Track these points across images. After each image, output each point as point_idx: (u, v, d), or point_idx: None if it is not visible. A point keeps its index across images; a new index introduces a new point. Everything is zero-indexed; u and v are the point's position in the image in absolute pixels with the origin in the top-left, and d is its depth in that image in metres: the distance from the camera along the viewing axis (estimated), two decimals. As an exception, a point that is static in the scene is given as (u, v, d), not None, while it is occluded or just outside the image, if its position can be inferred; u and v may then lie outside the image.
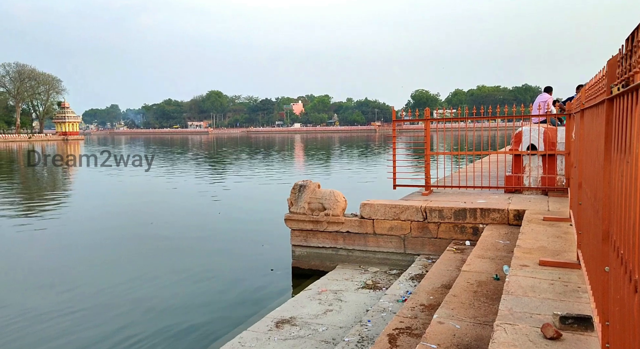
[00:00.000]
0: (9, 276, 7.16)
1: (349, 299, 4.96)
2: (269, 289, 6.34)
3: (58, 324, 5.23)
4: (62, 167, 28.51)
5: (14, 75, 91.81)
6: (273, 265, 7.27)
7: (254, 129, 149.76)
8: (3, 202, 14.78)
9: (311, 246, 6.67)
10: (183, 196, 15.40)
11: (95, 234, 9.83)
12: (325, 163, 28.06)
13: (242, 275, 6.92)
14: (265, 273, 6.96)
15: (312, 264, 6.67)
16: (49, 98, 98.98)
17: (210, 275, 6.91)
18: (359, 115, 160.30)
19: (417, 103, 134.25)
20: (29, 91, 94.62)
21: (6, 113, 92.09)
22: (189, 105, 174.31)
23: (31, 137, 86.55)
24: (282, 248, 7.64)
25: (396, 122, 7.95)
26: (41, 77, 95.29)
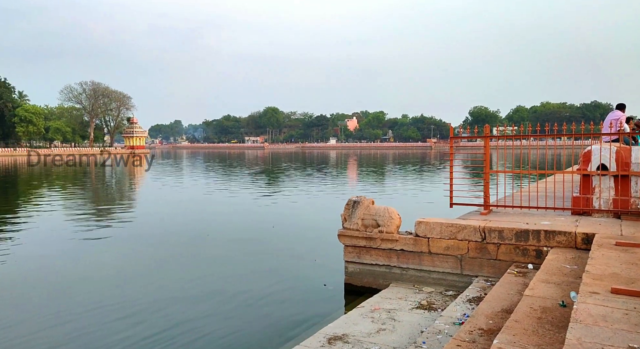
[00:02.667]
0: (77, 277, 7.64)
1: (402, 319, 4.85)
2: (321, 305, 6.32)
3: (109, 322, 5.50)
4: (129, 175, 30.23)
5: (89, 93, 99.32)
6: (325, 280, 7.26)
7: (309, 145, 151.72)
8: (77, 209, 15.89)
9: (364, 263, 6.61)
10: (238, 209, 15.81)
11: (154, 246, 10.29)
12: (379, 180, 27.84)
13: (295, 290, 6.96)
14: (317, 289, 6.96)
15: (365, 281, 6.60)
16: (119, 114, 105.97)
17: (263, 289, 7.00)
18: (414, 132, 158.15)
19: (476, 120, 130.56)
20: (102, 107, 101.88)
21: (81, 128, 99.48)
22: (246, 121, 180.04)
23: (103, 151, 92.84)
24: (335, 263, 7.63)
25: (453, 139, 7.77)
26: (113, 94, 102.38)
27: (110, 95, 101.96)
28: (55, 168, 42.12)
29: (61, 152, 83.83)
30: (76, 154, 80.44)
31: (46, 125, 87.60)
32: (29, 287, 7.23)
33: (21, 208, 16.79)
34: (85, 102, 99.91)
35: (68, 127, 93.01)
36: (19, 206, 17.45)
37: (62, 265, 8.55)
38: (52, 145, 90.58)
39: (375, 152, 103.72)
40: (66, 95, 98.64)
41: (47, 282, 7.49)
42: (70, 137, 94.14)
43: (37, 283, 7.46)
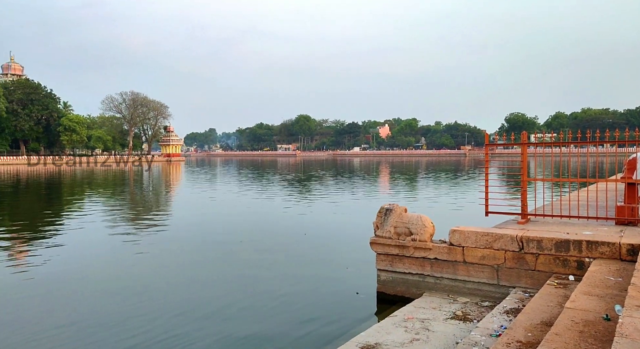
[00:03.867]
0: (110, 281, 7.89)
1: (436, 329, 4.76)
2: (353, 313, 6.28)
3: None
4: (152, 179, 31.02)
5: (129, 103, 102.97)
6: (357, 288, 7.21)
7: (340, 152, 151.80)
8: (117, 213, 16.46)
9: (397, 271, 6.53)
10: (270, 216, 15.97)
11: (189, 251, 10.51)
12: (412, 187, 27.51)
13: (327, 297, 6.94)
14: (349, 296, 6.92)
15: (398, 290, 6.52)
16: (157, 123, 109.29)
17: (295, 296, 7.02)
18: (447, 139, 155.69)
19: (512, 127, 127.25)
20: (140, 116, 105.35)
21: (121, 137, 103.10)
22: (278, 129, 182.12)
23: (141, 158, 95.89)
24: (367, 271, 7.57)
25: (489, 146, 7.61)
26: (151, 103, 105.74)
27: (148, 104, 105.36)
28: (91, 175, 43.77)
29: (103, 159, 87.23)
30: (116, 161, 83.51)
31: (88, 134, 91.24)
32: (75, 286, 7.51)
33: (67, 212, 17.50)
34: (125, 111, 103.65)
35: (109, 136, 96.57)
36: (63, 210, 18.20)
37: (104, 266, 8.85)
38: (93, 153, 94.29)
39: (407, 159, 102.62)
40: (107, 105, 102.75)
41: (92, 281, 7.77)
42: (110, 145, 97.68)
43: (82, 282, 7.74)
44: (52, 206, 20.67)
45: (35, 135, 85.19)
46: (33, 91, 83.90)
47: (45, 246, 10.81)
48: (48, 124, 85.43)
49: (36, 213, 18.18)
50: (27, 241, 11.65)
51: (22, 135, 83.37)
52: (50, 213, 17.74)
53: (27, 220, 15.90)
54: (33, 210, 19.10)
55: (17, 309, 6.51)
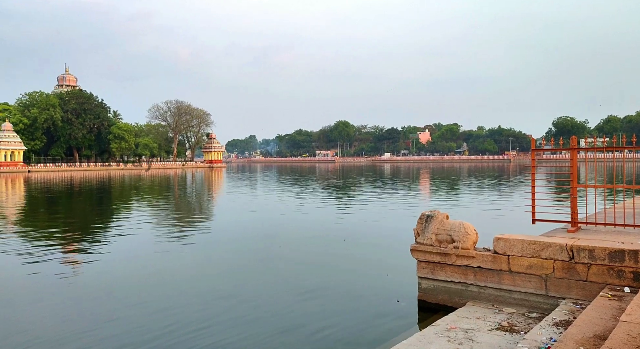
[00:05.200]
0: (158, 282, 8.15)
1: (481, 340, 4.61)
2: (393, 321, 6.20)
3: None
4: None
5: (174, 111, 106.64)
6: (398, 295, 7.11)
7: (379, 158, 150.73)
8: (161, 216, 17.03)
9: (439, 279, 6.39)
10: (309, 221, 16.04)
11: (229, 255, 10.70)
12: (453, 194, 26.91)
13: (366, 304, 6.88)
14: (389, 304, 6.83)
15: (440, 298, 6.37)
16: (199, 130, 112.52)
17: (334, 302, 7.00)
18: (490, 144, 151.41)
19: (560, 132, 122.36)
20: (184, 124, 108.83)
21: (166, 144, 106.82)
22: (317, 135, 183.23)
23: (184, 164, 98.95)
24: (408, 279, 7.46)
25: (535, 151, 7.34)
26: (195, 111, 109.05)
27: (192, 112, 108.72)
28: (141, 182, 45.50)
29: (148, 166, 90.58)
30: (161, 168, 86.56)
31: (136, 142, 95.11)
32: (121, 285, 7.82)
33: (115, 215, 18.28)
34: (170, 119, 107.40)
35: (155, 143, 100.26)
36: (112, 213, 19.02)
37: (150, 267, 9.16)
38: (140, 160, 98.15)
39: (448, 165, 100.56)
40: (153, 113, 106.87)
41: (137, 282, 8.06)
42: (156, 152, 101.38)
43: (130, 281, 8.05)
44: (102, 209, 21.63)
45: (87, 143, 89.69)
46: (86, 101, 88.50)
47: (95, 247, 11.33)
48: (99, 132, 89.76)
49: (87, 215, 19.09)
50: (79, 241, 12.25)
51: (75, 143, 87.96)
52: (101, 216, 18.56)
53: (79, 221, 16.72)
54: (85, 212, 20.08)
55: (65, 308, 6.85)
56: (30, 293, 7.66)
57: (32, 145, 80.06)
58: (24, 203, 25.10)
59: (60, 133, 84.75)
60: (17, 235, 13.80)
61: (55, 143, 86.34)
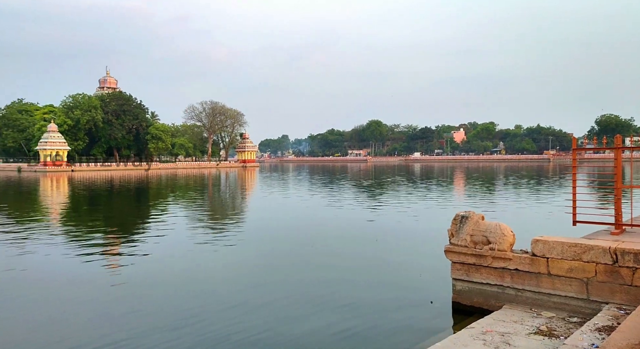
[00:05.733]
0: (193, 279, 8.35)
1: (518, 344, 4.50)
2: (426, 322, 6.13)
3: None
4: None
5: (208, 111, 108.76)
6: (431, 297, 7.02)
7: (412, 157, 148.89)
8: (196, 216, 17.45)
9: (474, 281, 6.27)
10: (342, 222, 16.03)
11: (263, 254, 10.83)
12: (489, 194, 26.28)
13: (398, 305, 6.83)
14: (423, 305, 6.76)
15: (475, 301, 6.25)
16: (233, 130, 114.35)
17: (367, 303, 6.98)
18: (528, 143, 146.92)
19: (604, 130, 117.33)
20: (219, 124, 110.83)
21: (201, 144, 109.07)
22: (350, 134, 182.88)
23: (218, 164, 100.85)
24: (441, 280, 7.36)
25: (577, 150, 7.09)
26: (229, 112, 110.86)
27: (226, 112, 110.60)
28: (173, 180, 46.69)
29: (185, 165, 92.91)
30: (196, 167, 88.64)
31: (172, 142, 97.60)
32: (157, 284, 8.07)
33: (153, 214, 18.85)
34: (204, 119, 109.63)
35: (190, 143, 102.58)
36: (150, 212, 19.62)
37: (185, 266, 9.41)
38: (176, 160, 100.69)
39: (484, 164, 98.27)
40: (189, 114, 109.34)
41: (172, 280, 8.30)
42: (192, 152, 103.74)
43: (166, 281, 8.30)
44: (141, 206, 22.35)
45: (126, 143, 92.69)
46: (125, 102, 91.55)
47: (134, 244, 11.73)
48: (138, 133, 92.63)
49: (127, 213, 19.77)
50: (119, 239, 12.70)
51: (115, 143, 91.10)
52: (140, 213, 19.18)
53: (119, 219, 17.35)
54: (124, 210, 20.80)
55: (103, 306, 7.12)
56: (73, 289, 8.00)
57: (75, 146, 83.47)
58: (69, 201, 26.24)
59: (101, 133, 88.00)
60: (63, 232, 14.44)
61: (97, 143, 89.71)
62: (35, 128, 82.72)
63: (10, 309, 6.83)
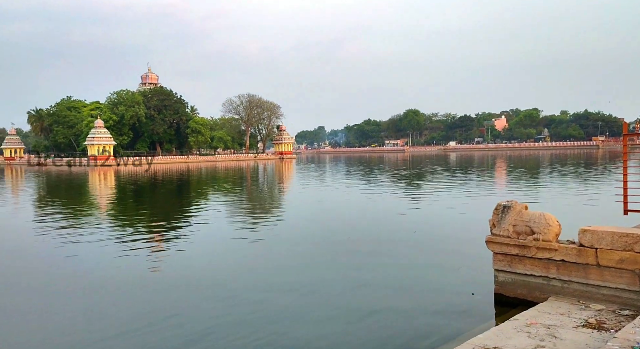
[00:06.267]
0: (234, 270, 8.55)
1: (565, 337, 4.36)
2: (468, 314, 6.03)
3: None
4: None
5: (246, 104, 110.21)
6: (472, 288, 6.90)
7: (451, 146, 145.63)
8: (234, 211, 17.82)
9: (517, 272, 6.10)
10: (380, 212, 15.95)
11: (299, 245, 10.91)
12: (533, 183, 25.38)
13: (438, 297, 6.74)
14: (464, 297, 6.65)
15: (519, 292, 6.09)
16: (270, 123, 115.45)
17: (406, 295, 6.94)
18: (575, 129, 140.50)
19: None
20: (256, 117, 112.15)
21: (239, 136, 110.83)
22: (386, 124, 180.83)
23: (256, 156, 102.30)
24: (482, 271, 7.21)
25: (628, 136, 6.73)
26: (266, 104, 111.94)
27: (262, 105, 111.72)
28: (213, 173, 47.74)
29: (224, 158, 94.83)
30: (234, 160, 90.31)
31: (211, 135, 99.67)
32: (200, 275, 8.33)
33: (194, 206, 19.39)
34: (242, 112, 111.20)
35: (228, 136, 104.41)
36: (191, 204, 20.19)
37: (225, 258, 9.66)
38: (216, 153, 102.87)
39: (527, 152, 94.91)
40: (227, 107, 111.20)
41: (216, 272, 8.55)
42: (230, 144, 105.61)
43: (208, 271, 8.56)
44: (182, 199, 23.02)
45: (168, 137, 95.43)
46: (166, 97, 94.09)
47: (176, 236, 12.14)
48: (178, 127, 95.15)
49: (170, 205, 20.43)
50: (162, 230, 13.17)
51: (157, 138, 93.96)
52: (182, 205, 19.77)
53: (162, 211, 17.97)
54: (167, 202, 21.50)
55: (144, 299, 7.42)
56: (116, 280, 8.37)
57: (120, 140, 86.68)
58: (116, 194, 27.39)
59: (144, 128, 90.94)
60: (109, 224, 15.12)
61: (140, 138, 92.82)
62: (83, 124, 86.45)
63: (52, 298, 7.24)
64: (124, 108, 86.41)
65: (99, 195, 26.89)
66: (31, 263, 9.53)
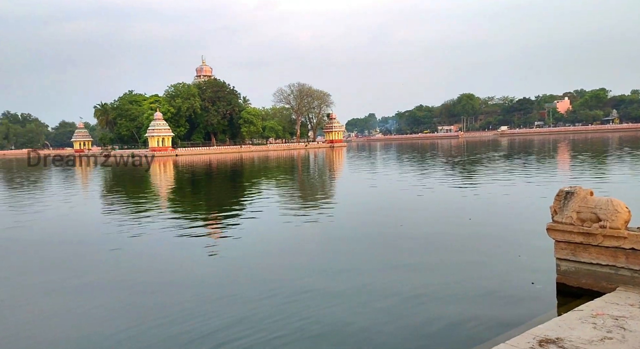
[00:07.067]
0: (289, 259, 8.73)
1: (635, 329, 4.10)
2: (528, 304, 5.82)
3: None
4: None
5: (296, 94, 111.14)
6: (532, 277, 6.64)
7: (509, 131, 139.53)
8: (288, 196, 18.12)
9: (581, 261, 5.79)
10: (433, 199, 15.63)
11: (351, 233, 10.93)
12: (600, 168, 23.83)
13: (497, 286, 6.53)
14: (523, 287, 6.41)
15: (583, 282, 5.79)
16: (320, 111, 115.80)
17: (463, 283, 6.77)
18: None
19: None
20: (306, 106, 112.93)
21: (290, 126, 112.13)
22: (439, 110, 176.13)
23: (307, 145, 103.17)
24: (543, 260, 6.91)
25: None
26: (316, 93, 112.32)
27: (313, 94, 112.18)
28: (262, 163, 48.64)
29: (275, 147, 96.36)
30: (285, 149, 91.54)
31: (263, 125, 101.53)
32: (253, 263, 8.59)
33: (248, 194, 19.93)
34: (292, 102, 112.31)
35: (279, 126, 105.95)
36: (245, 192, 20.76)
37: (279, 245, 9.89)
38: (267, 142, 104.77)
39: (593, 135, 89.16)
40: (278, 97, 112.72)
41: (265, 259, 8.77)
42: (281, 134, 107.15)
43: (260, 259, 8.80)
44: (237, 187, 23.72)
45: (221, 128, 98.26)
46: (220, 89, 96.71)
47: (231, 224, 12.55)
48: (231, 118, 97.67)
49: (225, 193, 21.12)
50: (217, 219, 13.65)
51: (212, 128, 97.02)
52: (236, 193, 20.38)
53: (217, 199, 18.61)
54: (222, 190, 22.23)
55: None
56: (175, 269, 8.79)
57: (177, 132, 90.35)
58: (175, 183, 28.67)
59: (199, 119, 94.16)
60: (168, 212, 15.86)
61: (196, 129, 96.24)
62: (144, 117, 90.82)
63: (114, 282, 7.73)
64: (180, 101, 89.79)
65: (160, 184, 28.26)
66: (99, 243, 10.21)
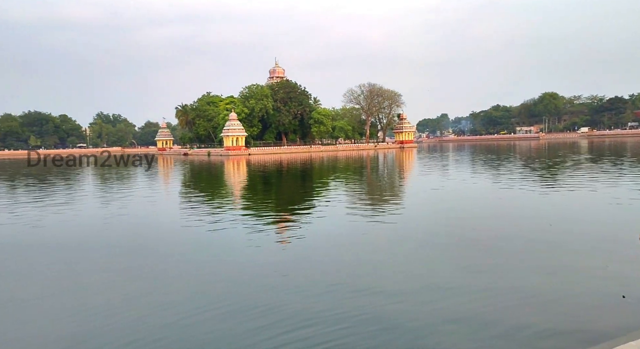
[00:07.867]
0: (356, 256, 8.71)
1: None
2: (617, 319, 5.36)
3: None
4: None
5: (366, 94, 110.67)
6: (622, 290, 6.08)
7: (597, 133, 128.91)
8: (355, 197, 18.09)
9: (683, 276, 5.21)
10: (509, 203, 14.85)
11: (419, 235, 10.69)
12: None
13: (582, 299, 6.07)
14: (612, 300, 5.91)
15: (684, 300, 5.20)
16: (390, 111, 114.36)
17: (544, 295, 6.37)
18: None
19: None
20: (376, 106, 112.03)
21: (359, 126, 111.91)
22: (518, 110, 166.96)
23: (376, 146, 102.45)
24: (634, 271, 6.31)
25: None
26: (386, 93, 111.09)
27: (383, 94, 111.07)
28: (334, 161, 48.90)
29: (344, 148, 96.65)
30: (354, 150, 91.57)
31: (333, 125, 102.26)
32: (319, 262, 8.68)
33: (317, 193, 20.18)
34: (362, 102, 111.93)
35: (349, 126, 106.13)
36: (315, 191, 21.04)
37: (345, 246, 9.91)
38: (337, 142, 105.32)
39: (698, 138, 79.71)
40: (348, 97, 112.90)
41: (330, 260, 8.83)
42: (350, 134, 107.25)
43: (326, 257, 8.88)
44: (306, 186, 24.09)
45: (292, 128, 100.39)
46: (291, 90, 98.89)
47: (298, 221, 12.78)
48: (302, 118, 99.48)
49: (294, 192, 21.54)
50: (285, 216, 13.96)
51: (283, 129, 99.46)
52: (305, 193, 20.70)
53: (287, 198, 19.04)
54: (292, 189, 22.69)
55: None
56: (247, 264, 9.10)
57: (251, 132, 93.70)
58: (248, 181, 29.78)
59: (271, 120, 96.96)
60: (243, 207, 16.48)
61: (268, 129, 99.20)
62: (220, 118, 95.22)
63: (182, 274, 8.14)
64: (254, 102, 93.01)
65: (235, 181, 29.51)
66: (178, 235, 10.86)
